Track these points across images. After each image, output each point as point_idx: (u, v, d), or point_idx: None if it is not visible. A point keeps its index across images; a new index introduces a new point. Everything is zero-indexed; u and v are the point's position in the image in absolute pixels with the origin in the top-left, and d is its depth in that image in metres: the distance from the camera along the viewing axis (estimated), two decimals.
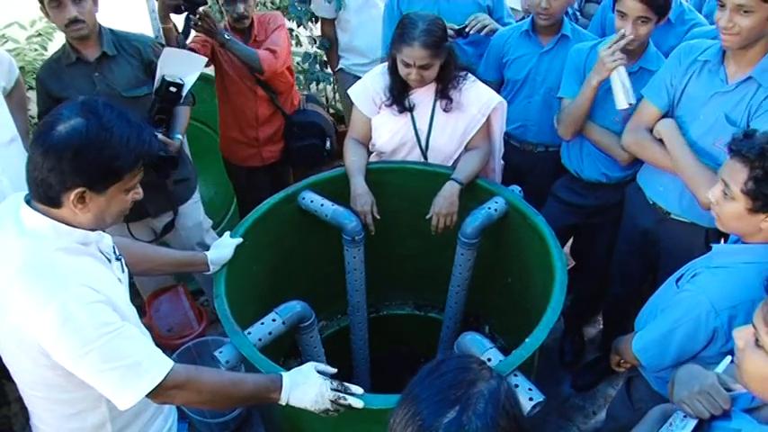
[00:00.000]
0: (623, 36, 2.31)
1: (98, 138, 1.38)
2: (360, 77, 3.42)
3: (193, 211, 3.05)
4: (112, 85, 2.60)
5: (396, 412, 1.04)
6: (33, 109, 3.31)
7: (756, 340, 1.14)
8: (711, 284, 1.70)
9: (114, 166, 1.41)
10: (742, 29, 1.96)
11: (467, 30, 2.93)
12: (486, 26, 2.94)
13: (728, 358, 1.52)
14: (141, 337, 1.52)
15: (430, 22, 2.30)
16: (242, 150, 3.41)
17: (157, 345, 3.14)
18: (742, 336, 1.18)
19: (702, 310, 1.69)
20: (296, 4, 3.74)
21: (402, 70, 2.36)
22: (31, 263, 1.41)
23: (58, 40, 3.37)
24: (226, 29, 3.08)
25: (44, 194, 1.42)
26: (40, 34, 3.40)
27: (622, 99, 2.34)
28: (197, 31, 2.92)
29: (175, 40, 2.90)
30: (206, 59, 2.81)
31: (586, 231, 3.00)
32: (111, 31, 2.64)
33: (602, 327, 3.29)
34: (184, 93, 2.65)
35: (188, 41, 3.02)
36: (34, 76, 3.26)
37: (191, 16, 2.83)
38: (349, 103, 3.60)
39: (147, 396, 1.48)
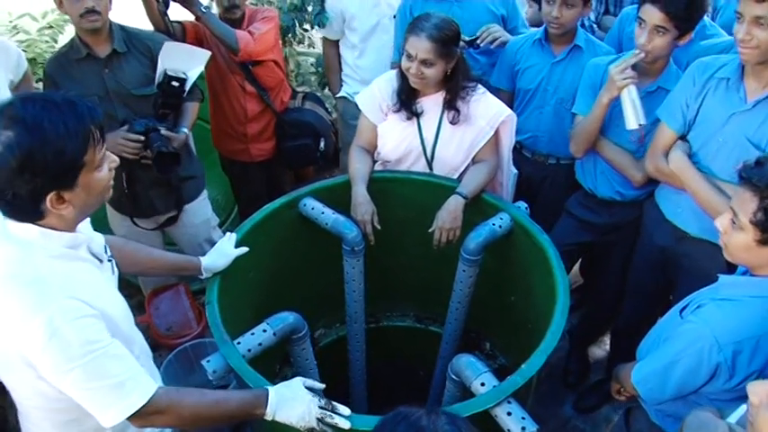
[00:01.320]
0: (636, 54, 2.24)
1: (33, 143, 1.30)
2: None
3: (201, 208, 3.04)
4: (122, 82, 2.59)
5: None
6: None
7: None
8: (716, 317, 1.63)
9: (65, 159, 1.34)
10: (761, 42, 1.89)
11: (478, 42, 2.88)
12: (496, 38, 2.89)
13: (743, 407, 1.45)
14: (127, 356, 1.49)
15: (443, 20, 2.27)
16: (231, 144, 3.37)
17: (155, 343, 3.16)
18: (757, 391, 1.11)
19: (705, 343, 1.62)
20: (289, 12, 3.61)
21: (404, 63, 2.30)
22: (18, 273, 1.38)
23: (69, 33, 3.38)
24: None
25: (21, 212, 1.39)
26: (51, 26, 3.41)
27: (632, 119, 2.28)
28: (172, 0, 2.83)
29: (158, 12, 2.85)
30: (209, 54, 2.78)
31: (600, 249, 2.93)
32: (122, 27, 2.62)
33: (608, 348, 3.21)
34: (187, 87, 2.62)
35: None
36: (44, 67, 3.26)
37: None
38: (349, 133, 3.54)
39: (128, 419, 1.46)
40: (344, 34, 3.48)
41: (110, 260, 1.67)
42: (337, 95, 3.66)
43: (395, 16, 3.30)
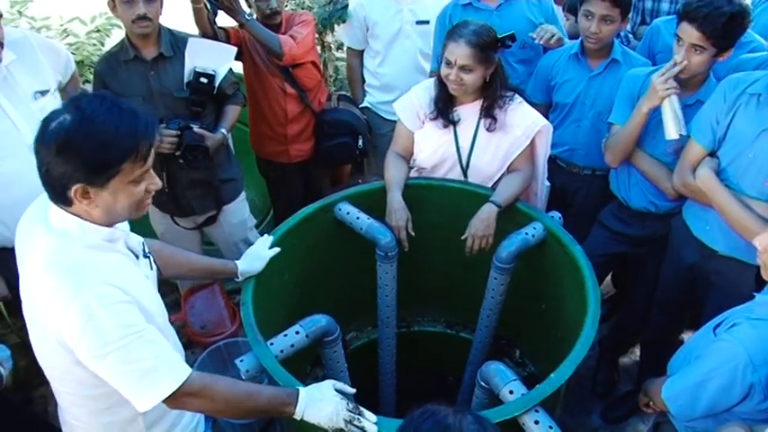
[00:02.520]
0: (678, 63, 2.23)
1: (79, 131, 1.36)
2: (384, 117, 3.43)
3: (239, 209, 3.11)
4: (166, 85, 2.66)
5: None
6: None
7: None
8: (751, 337, 1.62)
9: (102, 157, 1.38)
10: None
11: (536, 40, 2.88)
12: (553, 35, 2.87)
13: None
14: (162, 341, 1.53)
15: (481, 26, 2.29)
16: (270, 146, 3.42)
17: (190, 341, 3.23)
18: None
19: (740, 362, 1.61)
20: (325, 6, 3.63)
21: (443, 71, 2.33)
22: (58, 261, 1.44)
23: (116, 37, 3.48)
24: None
25: (53, 193, 1.45)
26: (98, 30, 3.51)
27: (672, 129, 2.27)
28: (218, 8, 2.90)
29: (207, 19, 2.91)
30: (236, 49, 2.84)
31: (633, 261, 2.91)
32: (170, 31, 2.70)
33: (638, 359, 3.19)
34: (216, 83, 2.68)
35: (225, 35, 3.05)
36: (91, 69, 3.36)
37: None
38: (373, 141, 3.60)
39: (162, 402, 1.50)
40: (368, 44, 3.51)
41: (147, 256, 1.72)
42: (360, 106, 3.67)
43: (418, 22, 3.33)
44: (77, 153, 1.36)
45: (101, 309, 1.41)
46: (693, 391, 1.72)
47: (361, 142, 3.47)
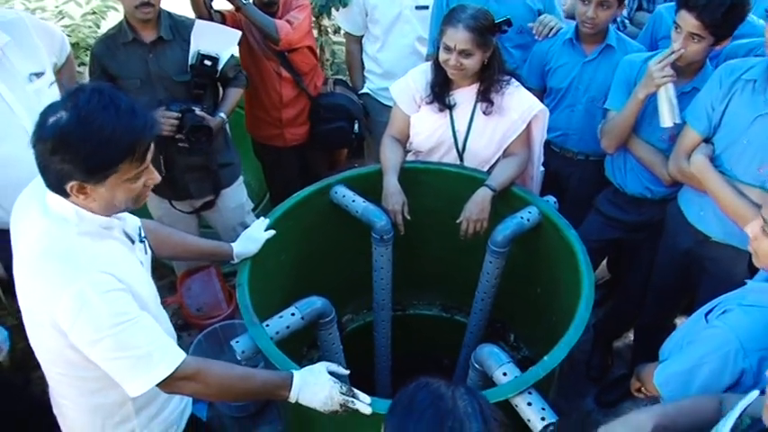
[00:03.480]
0: (675, 51, 2.23)
1: (74, 132, 1.35)
2: (384, 103, 3.40)
3: (236, 193, 3.11)
4: (165, 68, 2.65)
5: None
6: (84, 82, 3.40)
7: None
8: (742, 323, 1.63)
9: (97, 159, 1.37)
10: None
11: (536, 35, 2.87)
12: (552, 28, 2.86)
13: (755, 393, 1.45)
14: (155, 327, 1.54)
15: (478, 10, 2.30)
16: (265, 129, 3.42)
17: (186, 323, 3.25)
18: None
19: (731, 348, 1.61)
20: None
21: (442, 56, 2.33)
22: (53, 247, 1.45)
23: (111, 19, 3.46)
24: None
25: (49, 184, 1.44)
26: (94, 12, 3.49)
27: (667, 117, 2.27)
28: None
29: (203, 5, 2.90)
30: (240, 33, 2.83)
31: (628, 246, 2.93)
32: (170, 15, 2.69)
33: (632, 343, 3.21)
34: (219, 66, 2.68)
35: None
36: (87, 52, 3.35)
37: None
38: (372, 128, 3.58)
39: (157, 386, 1.51)
40: (367, 29, 3.49)
41: (142, 241, 1.72)
42: (360, 92, 3.65)
43: (417, 7, 3.31)
44: (74, 153, 1.36)
45: (95, 296, 1.41)
46: (685, 376, 1.73)
47: (357, 127, 3.47)
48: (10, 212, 2.34)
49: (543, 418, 1.66)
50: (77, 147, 1.35)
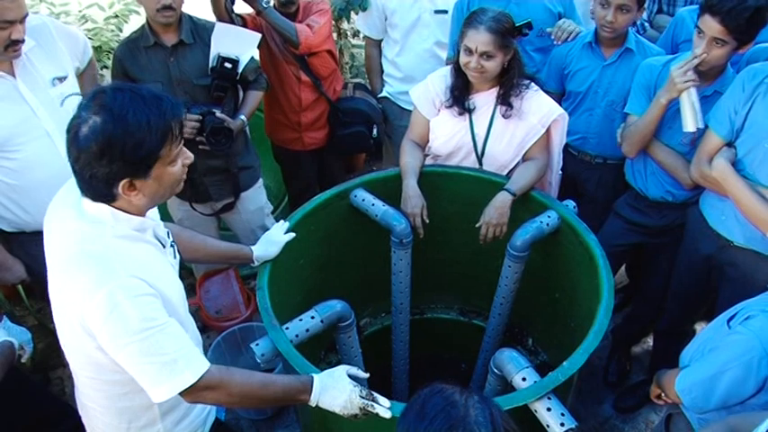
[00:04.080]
0: (697, 56, 2.21)
1: (115, 132, 1.38)
2: (403, 107, 3.42)
3: (256, 196, 3.13)
4: (185, 71, 2.68)
5: None
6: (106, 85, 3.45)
7: None
8: (766, 329, 1.62)
9: (143, 150, 1.41)
10: None
11: (554, 40, 2.87)
12: (571, 32, 2.85)
13: None
14: (182, 335, 1.55)
15: (499, 13, 2.30)
16: (284, 133, 3.43)
17: (204, 325, 3.27)
18: None
19: (755, 355, 1.61)
20: None
21: (463, 59, 2.33)
22: (86, 249, 1.46)
23: (134, 23, 3.50)
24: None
25: (96, 192, 1.46)
26: (117, 16, 3.54)
27: (690, 122, 2.26)
28: None
29: (224, 6, 2.92)
30: (260, 36, 2.85)
31: (649, 251, 2.91)
32: (191, 18, 2.72)
33: (650, 349, 3.19)
34: (240, 69, 2.70)
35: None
36: (109, 55, 3.39)
37: None
38: (392, 131, 3.59)
39: (180, 394, 1.52)
40: (386, 33, 3.50)
41: (172, 245, 1.75)
42: (379, 95, 3.65)
43: (436, 11, 3.31)
44: (120, 151, 1.39)
45: (125, 300, 1.43)
46: (707, 383, 1.72)
47: (375, 131, 3.48)
48: (33, 215, 2.39)
49: (562, 424, 1.66)
50: (123, 143, 1.38)
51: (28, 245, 2.44)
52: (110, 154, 1.38)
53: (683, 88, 2.24)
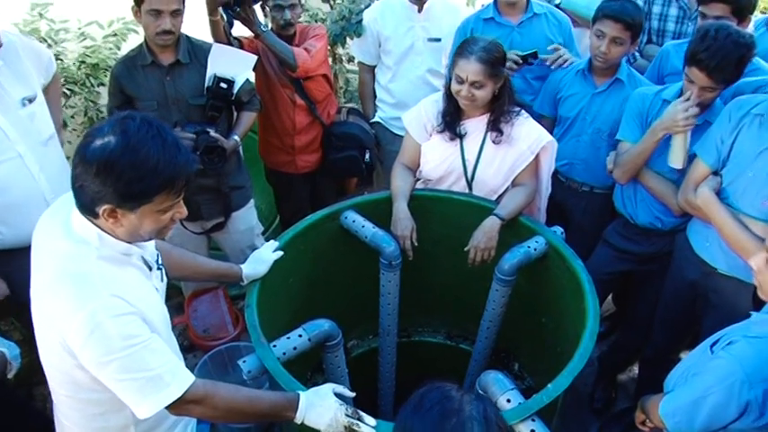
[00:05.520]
0: (692, 101, 2.30)
1: (122, 158, 1.37)
2: (395, 133, 3.48)
3: (247, 216, 3.15)
4: (181, 91, 2.72)
5: None
6: (103, 102, 3.47)
7: None
8: (747, 355, 1.64)
9: (138, 187, 1.40)
10: None
11: (549, 65, 2.93)
12: (567, 60, 2.93)
13: None
14: (166, 351, 1.55)
15: (490, 42, 2.34)
16: (278, 156, 3.45)
17: (191, 344, 3.26)
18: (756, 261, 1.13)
19: (736, 380, 1.62)
20: (338, 22, 3.65)
21: (454, 87, 2.37)
22: (71, 268, 1.47)
23: (132, 41, 3.54)
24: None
25: (81, 204, 1.47)
26: (115, 34, 3.58)
27: (679, 160, 2.36)
28: (234, 19, 2.94)
29: (222, 30, 2.96)
30: (256, 58, 2.89)
31: (637, 279, 2.94)
32: (188, 39, 2.75)
33: (636, 376, 3.20)
34: (235, 90, 2.73)
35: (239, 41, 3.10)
36: (106, 73, 3.42)
37: (233, 7, 2.87)
38: (383, 156, 3.64)
39: (165, 408, 1.52)
40: (380, 59, 3.56)
41: (159, 268, 1.74)
42: (372, 121, 3.70)
43: (429, 39, 3.39)
44: (116, 179, 1.38)
45: (107, 319, 1.43)
46: (690, 407, 1.73)
47: (368, 156, 3.51)
48: (5, 235, 2.40)
49: None
50: (122, 172, 1.38)
51: (8, 262, 2.42)
52: (105, 176, 1.38)
53: (685, 130, 2.31)
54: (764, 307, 1.77)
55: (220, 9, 2.88)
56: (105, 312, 1.43)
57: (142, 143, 1.39)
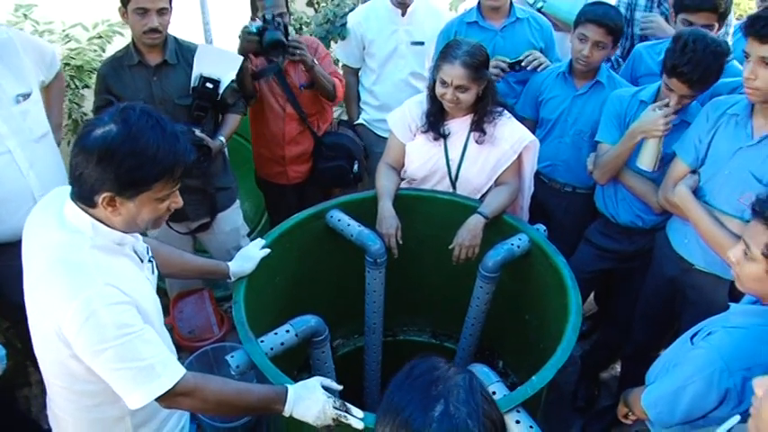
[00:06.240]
0: (672, 107, 2.37)
1: (123, 146, 1.41)
2: (378, 134, 3.52)
3: (232, 217, 3.16)
4: (168, 91, 2.73)
5: (381, 426, 1.07)
6: (88, 105, 3.47)
7: None
8: (726, 344, 1.68)
9: (138, 175, 1.44)
10: (762, 81, 1.98)
11: (522, 64, 2.97)
12: (541, 63, 2.98)
13: (736, 417, 1.50)
14: (159, 342, 1.56)
15: (473, 46, 2.37)
16: (269, 167, 3.45)
17: (177, 345, 3.25)
18: (762, 384, 1.17)
19: (716, 369, 1.66)
20: (323, 25, 3.68)
21: (438, 90, 2.40)
22: (65, 257, 1.48)
23: (117, 43, 3.54)
24: None
25: (80, 193, 1.49)
26: (100, 36, 3.58)
27: (651, 162, 2.43)
28: (292, 60, 3.02)
29: (249, 73, 3.04)
30: (242, 58, 2.91)
31: (618, 276, 2.99)
32: (176, 40, 2.77)
33: (618, 374, 3.25)
34: (221, 90, 2.75)
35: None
36: (91, 75, 3.42)
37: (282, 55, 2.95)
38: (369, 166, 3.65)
39: (156, 400, 1.53)
40: (364, 62, 3.60)
41: (150, 261, 1.76)
42: (355, 123, 3.73)
43: (412, 43, 3.44)
44: (116, 166, 1.41)
45: (102, 307, 1.44)
46: (672, 397, 1.77)
47: (356, 167, 3.53)
48: None
49: None
50: (122, 159, 1.41)
51: None
52: (106, 164, 1.41)
53: (662, 134, 2.36)
54: (743, 299, 1.82)
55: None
56: (100, 300, 1.44)
57: (142, 132, 1.43)
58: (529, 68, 2.98)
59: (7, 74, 2.38)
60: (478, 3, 3.10)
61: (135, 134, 1.42)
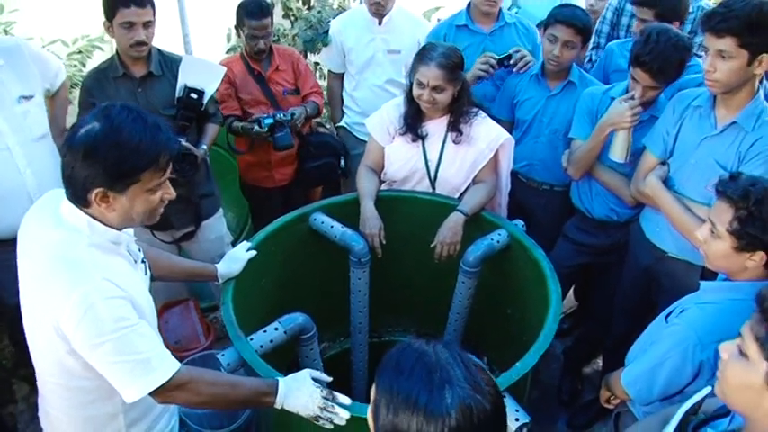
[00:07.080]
0: (636, 99, 2.45)
1: (106, 140, 1.46)
2: (359, 138, 3.61)
3: (217, 225, 3.19)
4: (153, 102, 2.76)
5: (397, 425, 1.06)
6: (70, 120, 3.49)
7: (740, 351, 1.18)
8: (699, 319, 1.76)
9: (125, 167, 1.48)
10: (721, 74, 2.07)
11: (511, 62, 3.03)
12: (527, 63, 3.03)
13: (707, 389, 1.56)
14: (154, 336, 1.60)
15: (448, 48, 2.46)
16: (255, 172, 3.51)
17: None
18: (727, 348, 1.24)
19: (690, 343, 1.74)
20: (307, 31, 3.83)
21: (415, 91, 2.47)
22: (62, 254, 1.52)
23: (97, 58, 3.58)
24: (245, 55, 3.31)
25: (73, 193, 1.53)
26: (80, 52, 3.62)
27: (621, 154, 2.50)
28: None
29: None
30: (225, 69, 2.97)
31: (597, 270, 3.06)
32: (160, 51, 2.81)
33: (600, 369, 3.31)
34: (205, 100, 2.80)
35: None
36: (71, 91, 3.44)
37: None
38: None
39: (151, 393, 1.56)
40: (346, 68, 3.69)
41: (144, 262, 1.80)
42: (337, 125, 3.83)
43: (389, 51, 3.53)
44: (102, 160, 1.46)
45: (99, 301, 1.48)
46: (650, 374, 1.84)
47: (342, 162, 3.65)
48: None
49: (517, 419, 1.74)
50: (107, 152, 1.46)
51: None
52: (92, 159, 1.46)
53: (630, 125, 2.45)
54: (717, 278, 1.90)
55: None
56: (97, 294, 1.48)
57: (124, 125, 1.48)
58: (515, 70, 3.04)
59: (13, 76, 2.45)
60: (468, 6, 3.18)
61: (117, 127, 1.48)
